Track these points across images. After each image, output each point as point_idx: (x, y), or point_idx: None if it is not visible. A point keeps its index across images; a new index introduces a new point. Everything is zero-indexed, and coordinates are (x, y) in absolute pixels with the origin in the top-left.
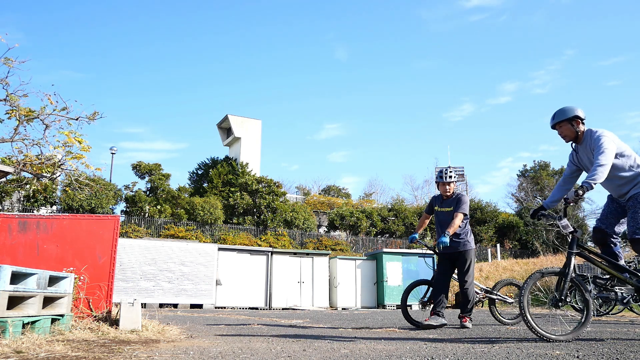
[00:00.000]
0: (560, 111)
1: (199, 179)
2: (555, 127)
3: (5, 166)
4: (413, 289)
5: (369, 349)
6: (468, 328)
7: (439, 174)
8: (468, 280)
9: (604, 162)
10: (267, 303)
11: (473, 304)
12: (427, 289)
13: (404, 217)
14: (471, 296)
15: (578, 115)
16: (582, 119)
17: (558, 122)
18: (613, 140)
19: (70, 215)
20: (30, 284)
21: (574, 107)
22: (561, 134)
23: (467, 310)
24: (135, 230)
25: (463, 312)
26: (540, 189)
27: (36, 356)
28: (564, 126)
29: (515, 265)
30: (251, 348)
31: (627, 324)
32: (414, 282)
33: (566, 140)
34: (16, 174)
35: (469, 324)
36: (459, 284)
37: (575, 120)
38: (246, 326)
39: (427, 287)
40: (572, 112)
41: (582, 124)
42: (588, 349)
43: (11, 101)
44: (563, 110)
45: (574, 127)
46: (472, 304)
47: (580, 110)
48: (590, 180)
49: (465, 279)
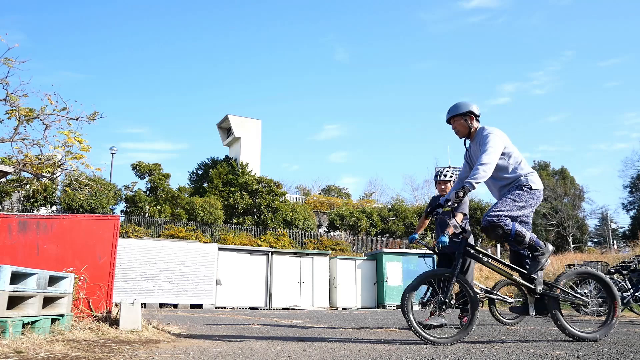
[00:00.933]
0: (454, 106)
1: (199, 179)
2: (449, 121)
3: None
4: None
5: (369, 349)
6: None
7: (436, 173)
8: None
9: (486, 161)
10: (267, 303)
11: None
12: (427, 289)
13: (404, 217)
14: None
15: (472, 111)
16: (476, 115)
17: (452, 117)
18: (502, 140)
19: (70, 215)
20: (30, 284)
21: (468, 103)
22: (454, 129)
23: (467, 310)
24: (135, 230)
25: (463, 312)
26: None
27: (36, 356)
28: (457, 121)
29: None
30: (251, 348)
31: (627, 324)
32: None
33: (459, 136)
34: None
35: None
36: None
37: (469, 116)
38: (246, 326)
39: (427, 287)
40: (466, 108)
41: (477, 120)
42: (588, 349)
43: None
44: (457, 105)
45: (467, 123)
46: None
47: (475, 106)
48: (471, 180)
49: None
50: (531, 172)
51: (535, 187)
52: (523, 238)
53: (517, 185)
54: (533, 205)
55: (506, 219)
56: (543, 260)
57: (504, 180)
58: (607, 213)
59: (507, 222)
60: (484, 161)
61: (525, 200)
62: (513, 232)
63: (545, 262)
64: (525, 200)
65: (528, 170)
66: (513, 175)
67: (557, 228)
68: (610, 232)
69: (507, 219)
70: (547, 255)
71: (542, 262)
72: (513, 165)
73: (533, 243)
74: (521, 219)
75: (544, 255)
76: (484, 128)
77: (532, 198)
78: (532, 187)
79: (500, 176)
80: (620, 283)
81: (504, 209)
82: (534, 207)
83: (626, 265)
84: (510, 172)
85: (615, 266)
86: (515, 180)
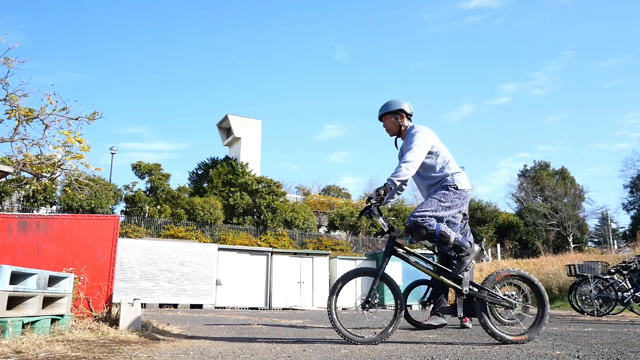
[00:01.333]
0: (385, 104)
1: (199, 179)
2: (381, 119)
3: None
4: (413, 288)
5: (369, 349)
6: (468, 328)
7: None
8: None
9: (409, 159)
10: (267, 303)
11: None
12: (427, 289)
13: (404, 217)
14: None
15: (402, 109)
16: (407, 114)
17: (383, 115)
18: (430, 138)
19: (70, 215)
20: (30, 284)
21: (400, 101)
22: (385, 127)
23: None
24: (135, 230)
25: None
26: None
27: (36, 356)
28: (388, 119)
29: (516, 266)
30: (251, 348)
31: (627, 324)
32: (413, 282)
33: (390, 134)
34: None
35: (470, 324)
36: None
37: (400, 114)
38: (246, 326)
39: (427, 287)
40: (397, 106)
41: (408, 119)
42: (588, 349)
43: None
44: (389, 103)
45: (397, 121)
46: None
47: (407, 104)
48: (392, 178)
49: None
50: (458, 172)
51: (461, 187)
52: (448, 239)
53: (443, 185)
54: (460, 206)
55: (431, 219)
56: (468, 261)
57: (431, 179)
58: (608, 213)
59: (431, 222)
60: (407, 159)
61: (451, 201)
62: (437, 233)
63: (470, 263)
64: (451, 201)
65: (456, 170)
66: (440, 174)
67: (557, 228)
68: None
69: (432, 219)
70: (472, 256)
71: (466, 263)
72: (440, 165)
73: (458, 244)
74: (447, 219)
75: (469, 256)
76: (413, 127)
77: (458, 198)
78: (458, 187)
79: (428, 175)
80: (621, 283)
81: (429, 209)
82: (461, 207)
83: (626, 265)
84: (437, 171)
85: (616, 266)
86: (442, 179)
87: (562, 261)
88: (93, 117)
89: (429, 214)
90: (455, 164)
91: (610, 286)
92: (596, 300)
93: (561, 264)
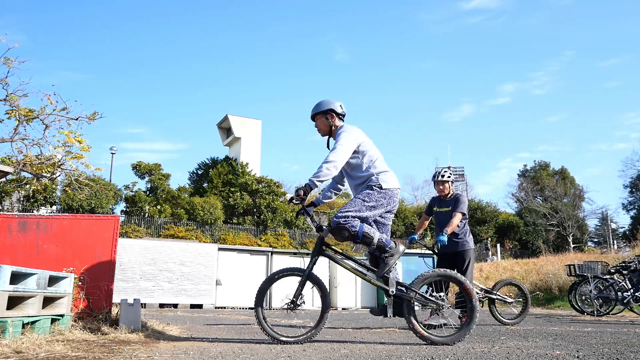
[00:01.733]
0: (317, 104)
1: (199, 179)
2: (313, 119)
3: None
4: None
5: (369, 349)
6: None
7: (434, 174)
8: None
9: (331, 159)
10: (267, 303)
11: None
12: (427, 289)
13: (404, 217)
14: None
15: (333, 109)
16: (338, 114)
17: (314, 115)
18: (356, 138)
19: (70, 215)
20: (30, 284)
21: (331, 101)
22: (317, 127)
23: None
24: (135, 230)
25: (463, 312)
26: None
27: (36, 356)
28: (320, 119)
29: (516, 266)
30: (251, 348)
31: (627, 324)
32: None
33: (321, 134)
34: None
35: None
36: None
37: (330, 114)
38: (246, 326)
39: (427, 288)
40: (327, 106)
41: (340, 119)
42: (588, 349)
43: (11, 101)
44: (320, 103)
45: (328, 121)
46: None
47: (339, 104)
48: (313, 178)
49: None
50: (384, 172)
51: (386, 187)
52: (371, 240)
53: (367, 185)
54: (386, 205)
55: (354, 220)
56: (392, 261)
57: (358, 179)
58: (607, 213)
59: (354, 223)
60: (329, 158)
61: (376, 200)
62: (360, 234)
63: (394, 263)
64: (376, 200)
65: (382, 169)
66: (366, 174)
67: (557, 228)
68: (611, 232)
69: (355, 220)
70: (396, 257)
71: (390, 264)
72: (367, 164)
73: (382, 244)
74: (374, 219)
75: (393, 257)
76: (342, 126)
77: (384, 198)
78: (382, 186)
79: (355, 175)
80: (621, 283)
81: (352, 210)
82: (387, 207)
83: (626, 266)
84: (363, 170)
85: (616, 266)
86: (367, 179)
87: (562, 261)
88: (93, 117)
89: (352, 215)
90: (382, 164)
91: (610, 286)
92: (596, 300)
93: (561, 264)
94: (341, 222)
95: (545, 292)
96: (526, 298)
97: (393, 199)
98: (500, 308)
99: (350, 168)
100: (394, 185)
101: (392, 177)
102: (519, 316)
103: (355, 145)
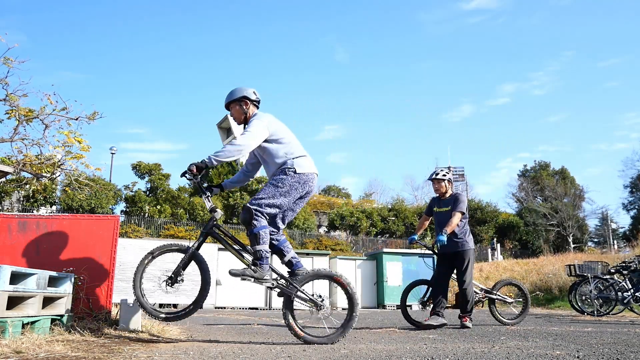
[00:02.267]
0: (230, 92)
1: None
2: (227, 107)
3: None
4: (413, 288)
5: (369, 349)
6: (468, 328)
7: (431, 173)
8: (466, 280)
9: (237, 142)
10: (267, 303)
11: (472, 303)
12: (427, 289)
13: (404, 217)
14: (470, 296)
15: (246, 96)
16: (252, 101)
17: (228, 103)
18: (268, 124)
19: (70, 215)
20: (29, 284)
21: (244, 88)
22: (232, 116)
23: (467, 310)
24: (135, 230)
25: (463, 312)
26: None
27: (36, 356)
28: (234, 107)
29: (516, 266)
30: (251, 348)
31: (627, 324)
32: (413, 282)
33: (237, 122)
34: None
35: (470, 324)
36: (458, 284)
37: (244, 102)
38: (246, 326)
39: (426, 287)
40: (240, 93)
41: (255, 106)
42: (588, 350)
43: (11, 101)
44: (233, 91)
45: (243, 109)
46: (471, 304)
47: (252, 91)
48: (212, 156)
49: (463, 279)
50: (301, 156)
51: (300, 171)
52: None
53: (281, 169)
54: (300, 191)
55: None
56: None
57: (274, 165)
58: (608, 213)
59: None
60: (235, 142)
61: (290, 185)
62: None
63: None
64: (290, 185)
65: (298, 154)
66: (282, 160)
67: (557, 228)
68: (611, 232)
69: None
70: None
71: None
72: (283, 151)
73: (260, 256)
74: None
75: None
76: (256, 114)
77: (298, 182)
78: (297, 170)
79: (271, 161)
80: (621, 283)
81: (265, 197)
82: (302, 192)
83: (626, 266)
84: (279, 157)
85: (616, 266)
86: (283, 164)
87: (562, 261)
88: (93, 117)
89: (266, 202)
90: (298, 148)
91: (610, 286)
92: (596, 300)
93: (561, 264)
94: (252, 209)
95: (545, 292)
96: (526, 298)
97: (308, 183)
98: (500, 308)
99: (267, 155)
100: (310, 170)
101: (308, 162)
102: (519, 316)
103: (267, 132)
